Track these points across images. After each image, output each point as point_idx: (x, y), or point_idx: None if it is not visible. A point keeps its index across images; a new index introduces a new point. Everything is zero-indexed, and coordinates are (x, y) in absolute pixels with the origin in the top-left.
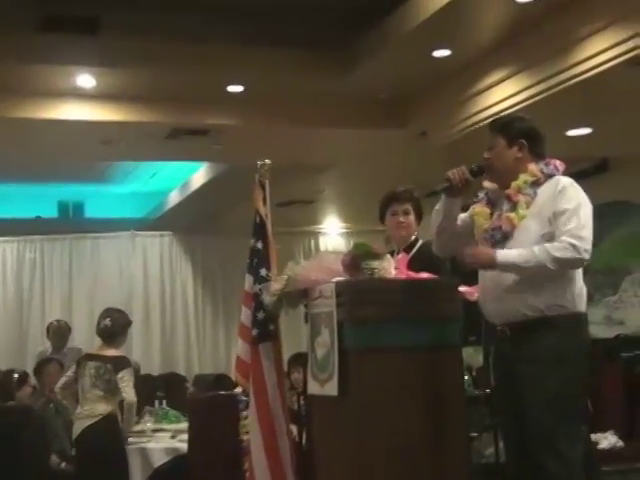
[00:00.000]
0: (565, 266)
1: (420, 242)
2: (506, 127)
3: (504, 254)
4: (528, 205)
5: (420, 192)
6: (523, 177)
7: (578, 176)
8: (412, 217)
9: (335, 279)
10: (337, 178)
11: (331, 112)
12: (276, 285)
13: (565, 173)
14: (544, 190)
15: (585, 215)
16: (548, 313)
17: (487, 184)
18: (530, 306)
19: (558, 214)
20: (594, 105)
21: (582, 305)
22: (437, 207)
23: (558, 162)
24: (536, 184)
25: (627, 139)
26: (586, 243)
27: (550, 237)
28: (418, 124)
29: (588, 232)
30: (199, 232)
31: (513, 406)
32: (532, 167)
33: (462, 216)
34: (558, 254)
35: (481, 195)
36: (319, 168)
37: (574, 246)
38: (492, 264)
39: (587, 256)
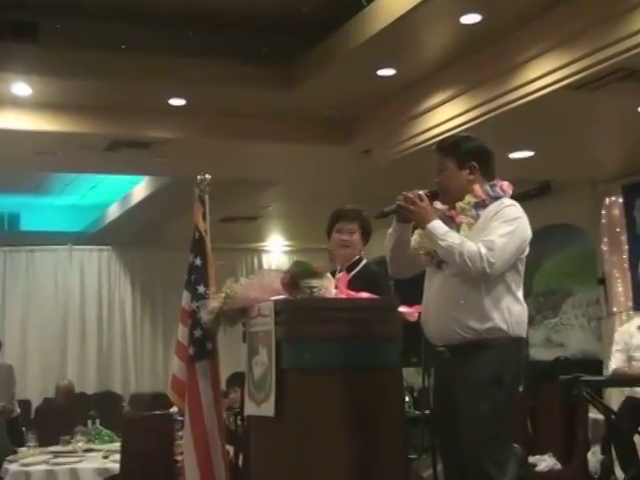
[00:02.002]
0: (464, 267)
1: (363, 262)
2: (455, 148)
3: (436, 225)
4: (470, 227)
5: (369, 211)
6: (467, 198)
7: (521, 198)
8: (357, 236)
9: (274, 297)
10: (281, 195)
11: (275, 127)
12: (214, 303)
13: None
14: (487, 212)
15: (510, 233)
16: (486, 336)
17: (438, 205)
18: (468, 328)
19: (488, 225)
20: (537, 128)
21: (521, 329)
22: (389, 231)
23: (506, 184)
24: (481, 206)
25: (570, 163)
26: (494, 256)
27: None
28: (362, 142)
29: (502, 247)
30: (139, 247)
31: (451, 428)
32: (476, 188)
33: (415, 238)
34: (465, 252)
35: None
36: (263, 184)
37: (480, 254)
38: (422, 224)
39: (489, 270)
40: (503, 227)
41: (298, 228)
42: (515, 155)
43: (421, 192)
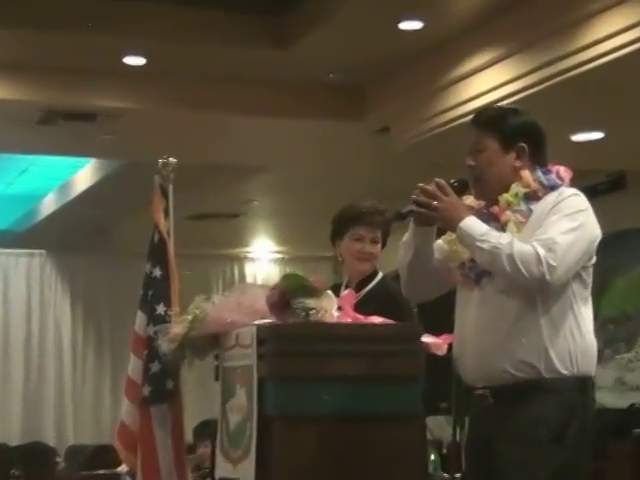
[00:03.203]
0: (516, 273)
1: (379, 276)
2: (499, 123)
3: (471, 222)
4: (520, 227)
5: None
6: (515, 188)
7: (586, 194)
8: (379, 247)
9: (258, 322)
10: (270, 185)
11: (263, 96)
12: (178, 327)
13: (574, 186)
14: (542, 206)
15: (575, 230)
16: (545, 374)
17: (471, 201)
18: (522, 363)
19: (545, 222)
20: (608, 103)
21: (589, 364)
22: (405, 238)
23: (562, 169)
24: (532, 198)
25: None
26: (555, 258)
27: None
28: (378, 117)
29: (566, 248)
30: (80, 251)
31: None
32: (526, 175)
33: (439, 246)
34: (517, 253)
35: None
36: (246, 171)
37: (538, 255)
38: (451, 225)
39: (549, 277)
40: (564, 222)
41: (292, 230)
42: (578, 137)
43: (443, 182)
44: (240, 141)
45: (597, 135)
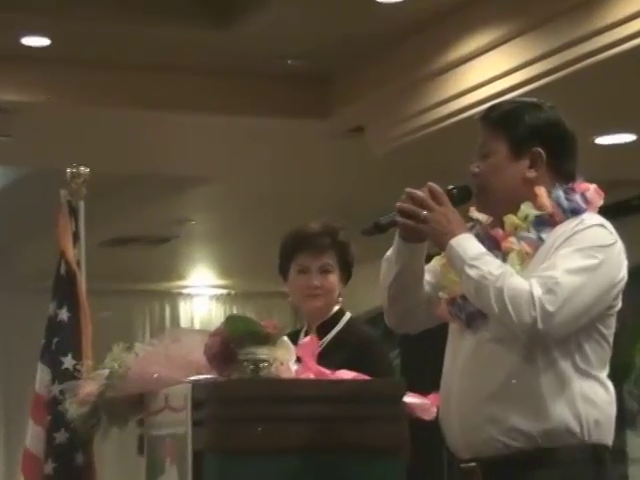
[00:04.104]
0: (502, 313)
1: (346, 317)
2: (510, 121)
3: (464, 241)
4: (524, 259)
5: (352, 229)
6: (525, 209)
7: (614, 212)
8: (334, 277)
9: (193, 378)
10: (212, 201)
11: (202, 88)
12: (90, 386)
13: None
14: (556, 236)
15: (588, 270)
16: (545, 443)
17: (476, 213)
18: (514, 430)
19: (553, 255)
20: None
21: (604, 431)
22: (388, 254)
23: (593, 189)
24: (546, 223)
25: None
26: (554, 302)
27: None
28: (350, 114)
29: (571, 291)
30: None
31: None
32: (541, 192)
33: (434, 267)
34: (507, 289)
35: None
36: (181, 183)
37: (532, 296)
38: (440, 240)
39: (542, 326)
40: (575, 259)
41: (240, 258)
42: (605, 140)
43: (438, 188)
44: (172, 145)
45: (628, 137)
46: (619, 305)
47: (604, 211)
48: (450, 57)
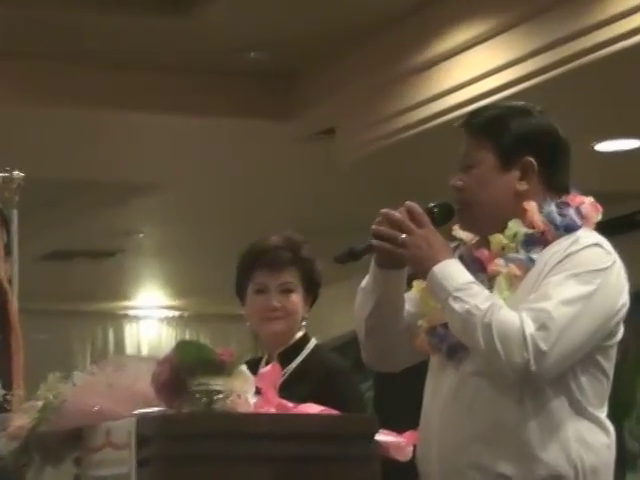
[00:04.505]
0: (491, 352)
1: (311, 344)
2: (498, 128)
3: (447, 268)
4: (513, 283)
5: (320, 244)
6: (513, 226)
7: (617, 228)
8: (297, 297)
9: (138, 411)
10: (163, 211)
11: (152, 84)
12: (21, 419)
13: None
14: (548, 256)
15: (585, 298)
16: None
17: (460, 232)
18: (502, 477)
19: (544, 282)
20: None
21: (600, 476)
22: (364, 283)
23: (589, 202)
24: (537, 242)
25: None
26: (547, 340)
27: None
28: (319, 114)
29: (563, 329)
30: None
31: None
32: (531, 207)
33: (413, 296)
34: (496, 325)
35: None
36: (127, 191)
37: (523, 333)
38: (421, 267)
39: (535, 367)
40: (571, 286)
41: (194, 275)
42: (605, 146)
43: (417, 207)
44: (118, 148)
45: (632, 143)
46: (620, 334)
47: (605, 227)
48: (431, 52)
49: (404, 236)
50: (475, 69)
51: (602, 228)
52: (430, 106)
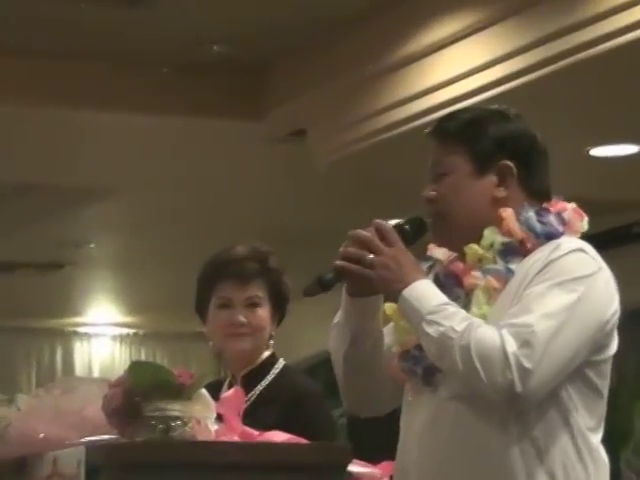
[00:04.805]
0: (471, 375)
1: (279, 365)
2: (472, 133)
3: (419, 290)
4: (489, 295)
5: (291, 255)
6: (489, 235)
7: (612, 240)
8: (265, 312)
9: (88, 438)
10: (116, 219)
11: (103, 78)
12: None
13: (587, 235)
14: (528, 266)
15: (569, 309)
16: None
17: (436, 251)
18: None
19: (524, 294)
20: None
21: None
22: (336, 319)
23: (570, 208)
24: (515, 252)
25: None
26: (532, 358)
27: None
28: (289, 114)
29: (547, 343)
30: None
31: None
32: (508, 215)
33: (392, 328)
34: (475, 347)
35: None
36: (77, 196)
37: (504, 352)
38: (390, 290)
39: (520, 388)
40: (554, 296)
41: (150, 289)
42: (601, 151)
43: (386, 225)
44: (66, 149)
45: (630, 149)
46: (614, 348)
47: (600, 239)
48: (412, 47)
49: (372, 256)
50: (459, 66)
51: (597, 240)
52: (410, 106)
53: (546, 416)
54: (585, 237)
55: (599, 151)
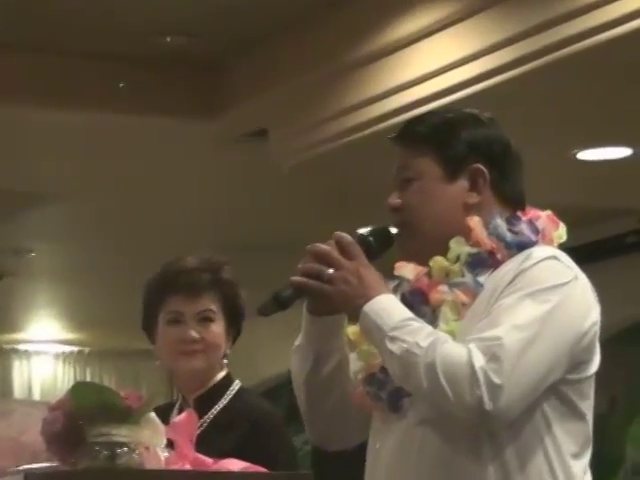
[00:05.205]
0: (438, 394)
1: (235, 387)
2: (445, 136)
3: (381, 305)
4: (459, 311)
5: (248, 271)
6: (455, 247)
7: (603, 251)
8: (218, 327)
9: (26, 466)
10: (59, 226)
11: (41, 72)
12: None
13: (567, 245)
14: (499, 277)
15: (542, 320)
16: None
17: (403, 269)
18: None
19: (494, 306)
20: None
21: None
22: (297, 342)
23: (545, 216)
24: (484, 263)
25: None
26: (501, 373)
27: None
28: (248, 112)
29: (517, 357)
30: None
31: None
32: (475, 223)
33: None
34: (441, 364)
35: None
36: (15, 201)
37: (473, 368)
38: (350, 306)
39: (490, 406)
40: (525, 307)
41: (96, 304)
42: (589, 155)
43: (347, 237)
44: (1, 150)
45: (622, 152)
46: (595, 365)
47: (590, 249)
48: (384, 41)
49: (331, 271)
50: (434, 61)
51: (587, 251)
52: (381, 104)
53: (520, 438)
54: (573, 248)
55: (587, 154)
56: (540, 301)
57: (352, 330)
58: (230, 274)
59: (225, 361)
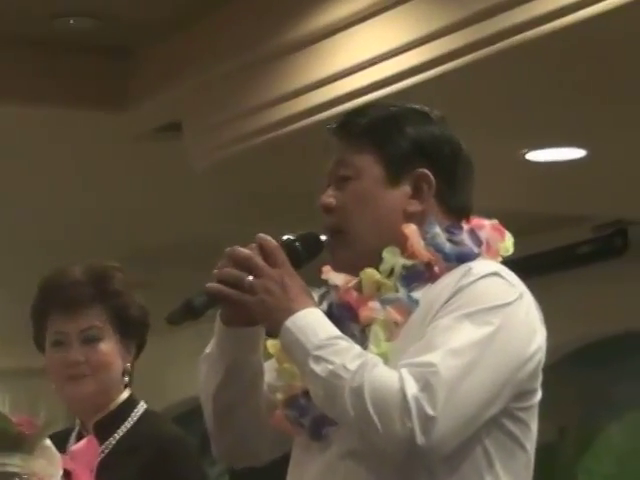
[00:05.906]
0: (365, 424)
1: (139, 409)
2: (388, 131)
3: (305, 320)
4: (391, 331)
5: (159, 279)
6: (390, 257)
7: (554, 263)
8: (108, 346)
9: None
10: None
11: None
12: None
13: (513, 256)
14: (436, 293)
15: (481, 344)
16: None
17: (332, 275)
18: None
19: (429, 327)
20: (595, 93)
21: None
22: (208, 350)
23: (489, 225)
24: (420, 277)
25: None
26: (435, 403)
27: None
28: (161, 105)
29: (453, 386)
30: None
31: None
32: (411, 231)
33: (274, 364)
34: (369, 390)
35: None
36: None
37: (405, 399)
38: (273, 320)
39: (422, 440)
40: (463, 329)
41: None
42: (540, 156)
43: (271, 241)
44: None
45: (575, 153)
46: (539, 393)
47: (539, 260)
48: (311, 26)
49: (251, 278)
50: (368, 50)
51: (536, 262)
52: (308, 97)
53: (458, 474)
54: (520, 259)
55: (537, 155)
56: (479, 323)
57: (272, 343)
58: (120, 283)
59: (126, 379)
